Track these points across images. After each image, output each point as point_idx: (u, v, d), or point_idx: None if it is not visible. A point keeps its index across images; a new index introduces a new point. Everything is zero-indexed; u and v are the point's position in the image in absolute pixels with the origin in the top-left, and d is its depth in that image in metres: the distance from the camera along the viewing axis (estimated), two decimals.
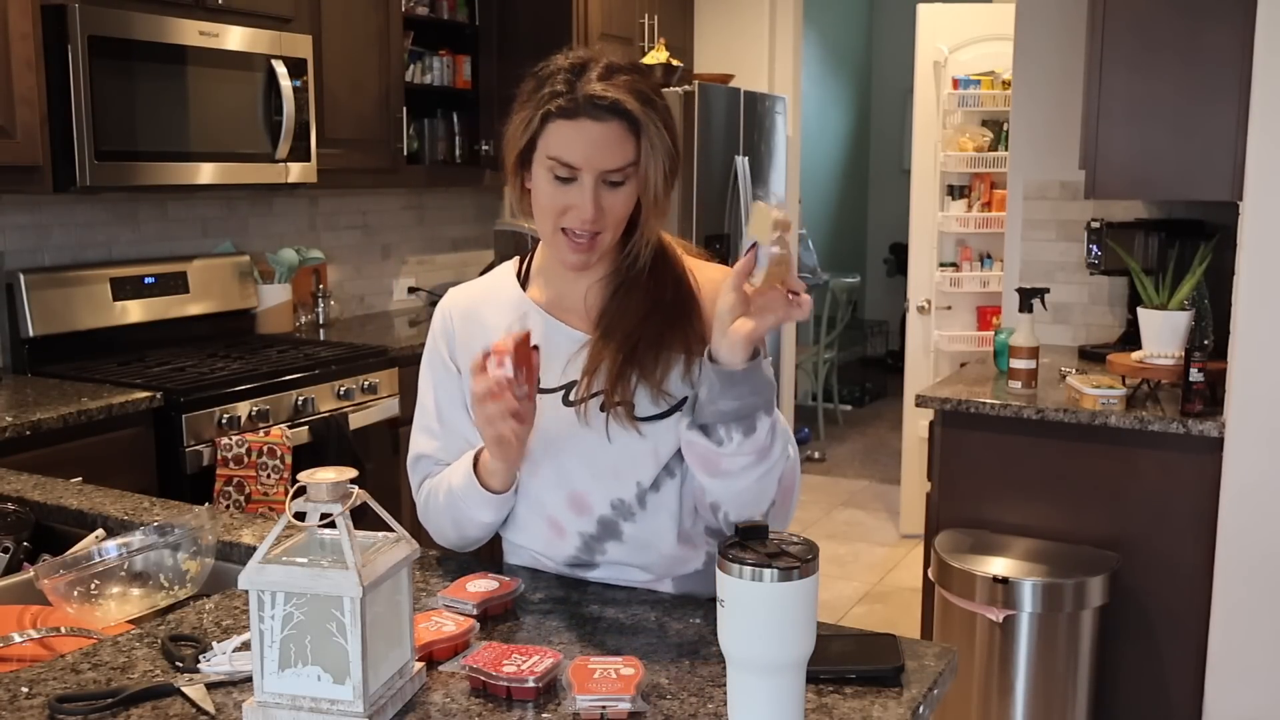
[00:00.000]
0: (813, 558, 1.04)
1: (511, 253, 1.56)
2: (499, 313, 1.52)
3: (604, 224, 1.39)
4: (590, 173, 1.37)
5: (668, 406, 1.42)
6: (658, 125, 1.38)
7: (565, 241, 1.41)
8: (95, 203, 3.35)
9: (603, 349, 1.43)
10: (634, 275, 1.47)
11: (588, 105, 1.35)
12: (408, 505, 1.61)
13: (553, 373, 1.46)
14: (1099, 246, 3.30)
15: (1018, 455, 2.86)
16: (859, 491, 5.59)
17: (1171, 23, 2.70)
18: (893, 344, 7.84)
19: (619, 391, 1.40)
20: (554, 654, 1.20)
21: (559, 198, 1.39)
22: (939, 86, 4.68)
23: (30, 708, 1.14)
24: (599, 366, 1.42)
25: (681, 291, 1.47)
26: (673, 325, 1.43)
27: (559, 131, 1.37)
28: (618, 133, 1.36)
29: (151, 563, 1.53)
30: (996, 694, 2.66)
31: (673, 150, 1.40)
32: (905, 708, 1.16)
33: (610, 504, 1.45)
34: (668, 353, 1.42)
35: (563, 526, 1.48)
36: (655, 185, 1.39)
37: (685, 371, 1.43)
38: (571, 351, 1.46)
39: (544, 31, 4.36)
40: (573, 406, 1.44)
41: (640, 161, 1.38)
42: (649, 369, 1.41)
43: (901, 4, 6.86)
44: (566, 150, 1.37)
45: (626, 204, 1.40)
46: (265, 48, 3.32)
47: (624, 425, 1.41)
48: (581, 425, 1.43)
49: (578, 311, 1.49)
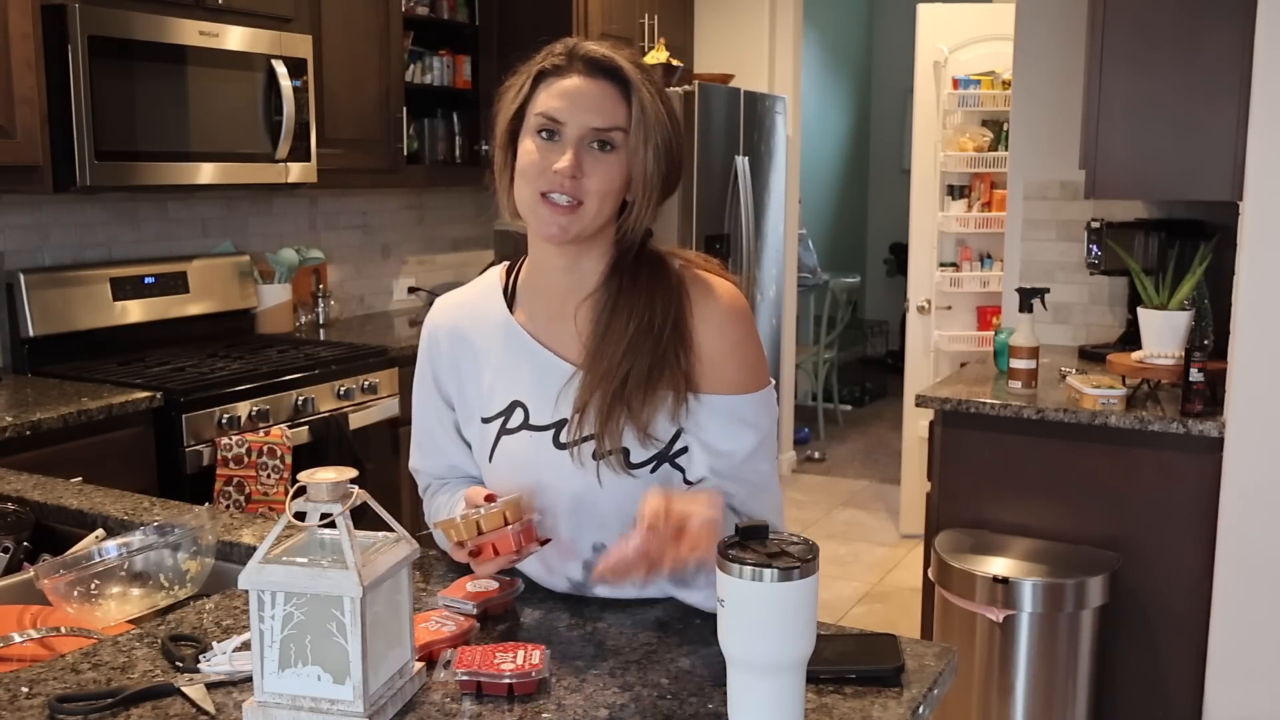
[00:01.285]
0: (813, 558, 1.04)
1: (511, 253, 1.53)
2: (486, 335, 1.46)
3: (585, 189, 1.32)
4: (576, 127, 1.32)
5: (655, 451, 1.36)
6: (651, 93, 1.34)
7: (545, 209, 1.33)
8: (95, 203, 3.35)
9: (592, 385, 1.36)
10: (619, 294, 1.38)
11: (579, 62, 1.34)
12: (408, 505, 1.62)
13: (542, 406, 1.40)
14: (1099, 246, 3.30)
15: (1018, 455, 2.86)
16: (859, 491, 5.59)
17: (1172, 22, 2.70)
18: (893, 344, 7.84)
19: (608, 439, 1.34)
20: (537, 646, 1.21)
21: (542, 155, 1.33)
22: (939, 86, 4.68)
23: (30, 708, 1.14)
24: (587, 405, 1.36)
25: (671, 315, 1.37)
26: (661, 360, 1.36)
27: (548, 88, 1.34)
28: (608, 92, 1.33)
29: (151, 563, 1.53)
30: (996, 694, 2.66)
31: (667, 126, 1.35)
32: (905, 708, 1.16)
33: (594, 548, 1.40)
34: (654, 392, 1.35)
35: (553, 567, 1.45)
36: (644, 157, 1.33)
37: (673, 412, 1.36)
38: (560, 383, 1.39)
39: (544, 31, 4.28)
40: (564, 449, 1.38)
41: (630, 129, 1.33)
42: (636, 409, 1.34)
43: (901, 4, 6.86)
44: (554, 103, 1.33)
45: (611, 175, 1.33)
46: (265, 48, 3.32)
47: (616, 473, 1.36)
48: (574, 469, 1.37)
49: (568, 333, 1.42)
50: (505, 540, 1.29)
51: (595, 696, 1.17)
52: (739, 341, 1.39)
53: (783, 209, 5.19)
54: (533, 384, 1.41)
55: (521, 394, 1.42)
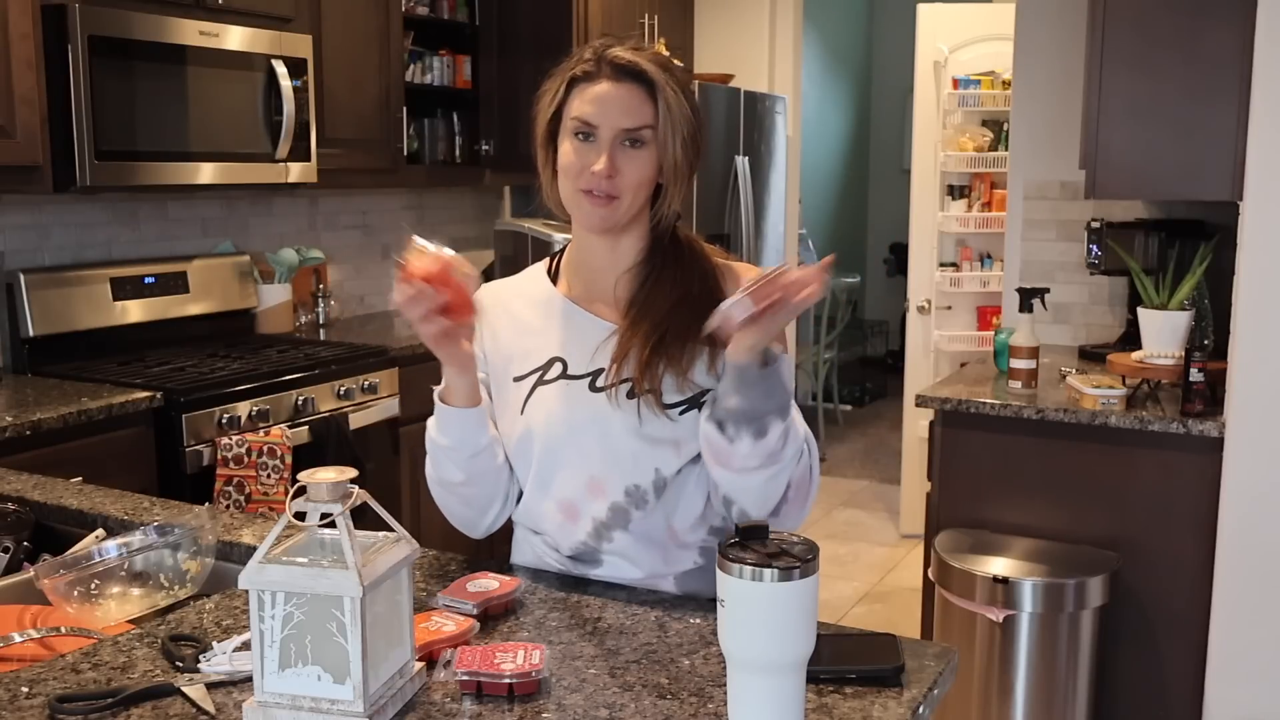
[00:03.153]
0: (813, 558, 1.04)
1: (511, 252, 1.59)
2: (529, 306, 1.58)
3: (620, 186, 1.45)
4: (608, 129, 1.45)
5: (692, 394, 1.46)
6: (675, 90, 1.46)
7: (586, 201, 1.46)
8: (95, 203, 3.35)
9: (631, 337, 1.48)
10: (662, 267, 1.52)
11: (607, 68, 1.46)
12: (408, 505, 1.62)
13: (580, 360, 1.51)
14: (1099, 246, 3.30)
15: (1018, 455, 2.86)
16: (859, 491, 5.60)
17: (1172, 22, 2.70)
18: (893, 344, 7.83)
19: (648, 379, 1.45)
20: (537, 646, 1.21)
21: (580, 156, 1.46)
22: (939, 86, 4.68)
23: (30, 708, 1.14)
24: (627, 354, 1.47)
25: (708, 284, 1.51)
26: (700, 317, 1.42)
27: (581, 94, 1.47)
28: (635, 94, 1.45)
29: (151, 563, 1.53)
30: (996, 694, 2.66)
31: (691, 120, 1.47)
32: (905, 708, 1.16)
33: (625, 490, 1.48)
34: (694, 344, 1.46)
35: (577, 510, 1.50)
36: (673, 150, 1.46)
37: (711, 364, 1.46)
38: (599, 339, 1.51)
39: (544, 31, 4.36)
40: (600, 392, 1.48)
41: (658, 126, 1.45)
42: (675, 358, 1.46)
43: (901, 4, 6.86)
44: (587, 108, 1.45)
45: (643, 168, 1.46)
46: (265, 47, 3.32)
47: (654, 411, 1.45)
48: (610, 409, 1.47)
49: (606, 302, 1.54)
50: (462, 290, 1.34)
51: (595, 696, 1.17)
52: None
53: (783, 209, 5.19)
54: (573, 341, 1.52)
55: (561, 350, 1.53)
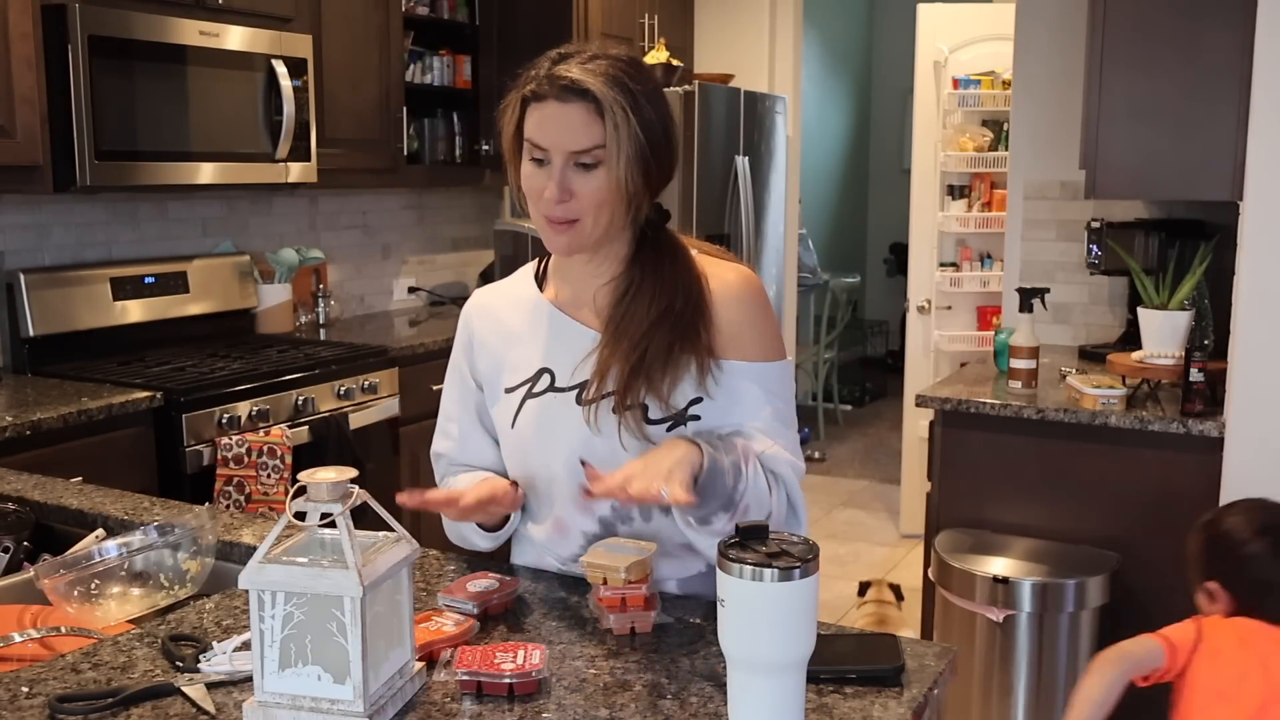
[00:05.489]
0: (813, 558, 1.04)
1: (511, 252, 1.58)
2: (517, 312, 1.56)
3: (578, 209, 1.39)
4: (558, 153, 1.38)
5: (675, 411, 1.43)
6: (625, 109, 1.37)
7: (549, 229, 1.42)
8: (95, 202, 3.35)
9: (611, 356, 1.44)
10: (642, 280, 1.46)
11: (553, 87, 1.38)
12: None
13: (566, 371, 1.48)
14: (1099, 246, 3.30)
15: (1018, 455, 2.86)
16: (859, 491, 5.59)
17: (1172, 23, 2.70)
18: (893, 344, 7.84)
19: (629, 398, 1.42)
20: (537, 646, 1.21)
21: (535, 180, 1.41)
22: (939, 86, 4.68)
23: (30, 708, 1.14)
24: (608, 372, 1.44)
25: (692, 298, 1.45)
26: (682, 336, 1.43)
27: (532, 115, 1.40)
28: (582, 114, 1.37)
29: (151, 563, 1.53)
30: (996, 694, 2.66)
31: (644, 138, 1.38)
32: (905, 708, 1.16)
33: (610, 505, 1.46)
34: (674, 366, 1.42)
35: (567, 526, 1.50)
36: (620, 171, 1.38)
37: (698, 379, 1.43)
38: (585, 349, 1.47)
39: (544, 31, 4.35)
40: (585, 406, 1.46)
41: (608, 146, 1.37)
42: (656, 381, 1.41)
43: (901, 4, 6.86)
44: (537, 131, 1.39)
45: (599, 189, 1.39)
46: (265, 47, 3.32)
47: (633, 431, 1.42)
48: (594, 424, 1.44)
49: (590, 309, 1.51)
50: (639, 598, 1.34)
51: (595, 696, 1.17)
52: (755, 315, 1.48)
53: (783, 209, 5.19)
54: (559, 351, 1.49)
55: (548, 361, 1.50)
